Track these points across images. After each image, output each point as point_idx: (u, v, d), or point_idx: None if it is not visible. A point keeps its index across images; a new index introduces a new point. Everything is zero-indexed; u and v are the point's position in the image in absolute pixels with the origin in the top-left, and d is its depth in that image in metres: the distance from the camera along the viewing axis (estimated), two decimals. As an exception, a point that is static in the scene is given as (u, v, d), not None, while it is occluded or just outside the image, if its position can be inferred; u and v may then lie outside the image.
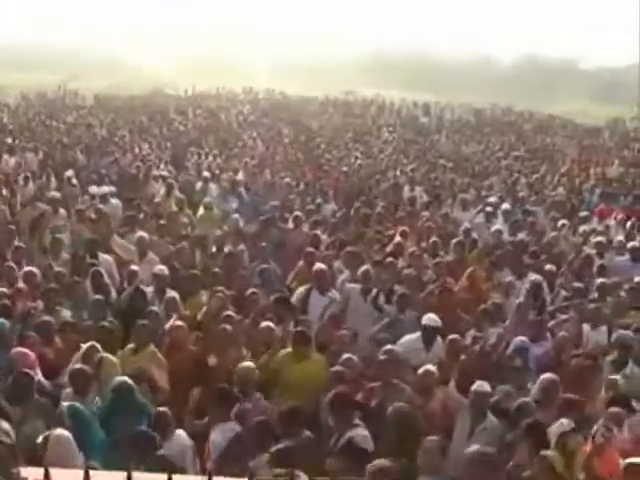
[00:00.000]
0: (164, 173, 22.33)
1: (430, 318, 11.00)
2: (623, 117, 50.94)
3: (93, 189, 19.78)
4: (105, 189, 19.45)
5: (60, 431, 7.58)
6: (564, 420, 8.33)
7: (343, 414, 8.62)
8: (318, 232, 15.79)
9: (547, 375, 9.51)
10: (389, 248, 15.21)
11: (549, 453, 7.75)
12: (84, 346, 9.94)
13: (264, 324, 10.83)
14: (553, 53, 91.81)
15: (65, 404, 8.55)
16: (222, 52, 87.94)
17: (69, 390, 9.21)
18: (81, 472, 5.38)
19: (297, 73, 75.98)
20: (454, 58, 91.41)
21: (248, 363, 9.62)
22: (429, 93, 60.05)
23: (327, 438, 8.63)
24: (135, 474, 5.52)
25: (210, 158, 26.38)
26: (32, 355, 9.64)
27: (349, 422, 8.55)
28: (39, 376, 9.35)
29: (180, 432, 8.45)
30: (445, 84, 70.83)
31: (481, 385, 9.15)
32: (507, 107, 53.14)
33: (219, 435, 8.45)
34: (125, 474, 5.48)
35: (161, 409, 8.57)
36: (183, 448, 8.29)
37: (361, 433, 8.41)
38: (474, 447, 7.81)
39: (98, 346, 9.85)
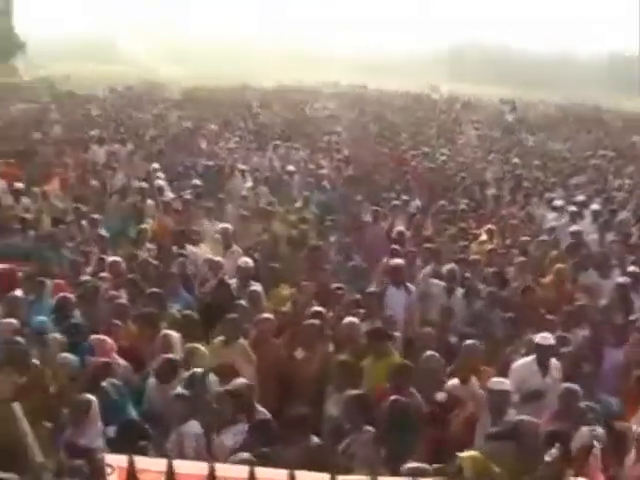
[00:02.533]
0: (248, 167, 22.43)
1: (543, 337, 10.03)
2: None
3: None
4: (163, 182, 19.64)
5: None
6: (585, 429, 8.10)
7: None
8: (402, 229, 15.79)
9: (567, 385, 9.08)
10: (473, 246, 15.16)
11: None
12: (168, 335, 10.11)
13: (348, 319, 10.80)
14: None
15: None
16: (305, 47, 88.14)
17: (153, 379, 9.37)
18: (164, 461, 5.43)
19: (381, 68, 75.83)
20: (539, 54, 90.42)
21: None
22: (515, 89, 59.34)
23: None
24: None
25: (294, 152, 26.46)
26: (110, 341, 9.83)
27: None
28: (119, 361, 9.57)
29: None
30: (530, 80, 70.05)
31: (500, 382, 9.00)
32: (594, 104, 52.22)
33: (229, 437, 8.34)
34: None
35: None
36: None
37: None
38: None
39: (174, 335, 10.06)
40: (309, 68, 69.71)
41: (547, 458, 7.44)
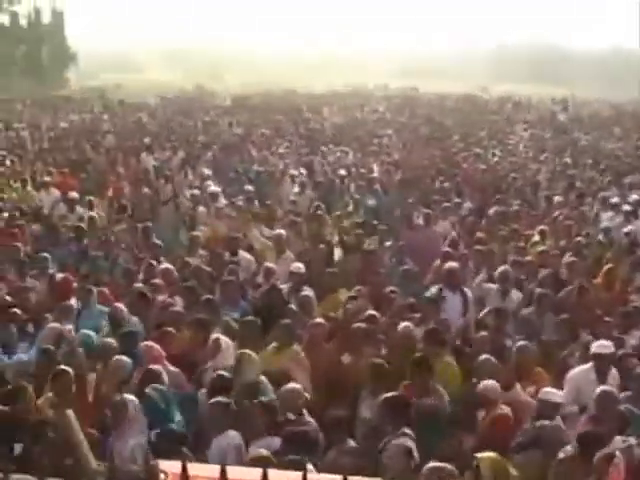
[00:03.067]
0: (296, 172, 22.38)
1: (602, 345, 9.64)
2: None
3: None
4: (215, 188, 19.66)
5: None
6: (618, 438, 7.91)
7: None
8: (455, 233, 15.70)
9: (604, 387, 8.92)
10: (528, 248, 15.02)
11: None
12: (219, 339, 10.15)
13: (403, 324, 10.73)
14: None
15: None
16: (351, 50, 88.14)
17: (204, 391, 9.36)
18: (217, 467, 5.41)
19: (430, 70, 75.59)
20: (589, 50, 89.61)
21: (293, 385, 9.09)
22: (565, 87, 58.83)
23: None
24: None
25: (346, 156, 26.43)
26: (157, 348, 9.86)
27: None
28: (169, 368, 9.60)
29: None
30: (581, 78, 69.42)
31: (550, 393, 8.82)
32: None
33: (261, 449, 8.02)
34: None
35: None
36: None
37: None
38: None
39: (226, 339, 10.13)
40: (357, 72, 69.64)
41: (561, 455, 7.33)
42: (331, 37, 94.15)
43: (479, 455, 7.02)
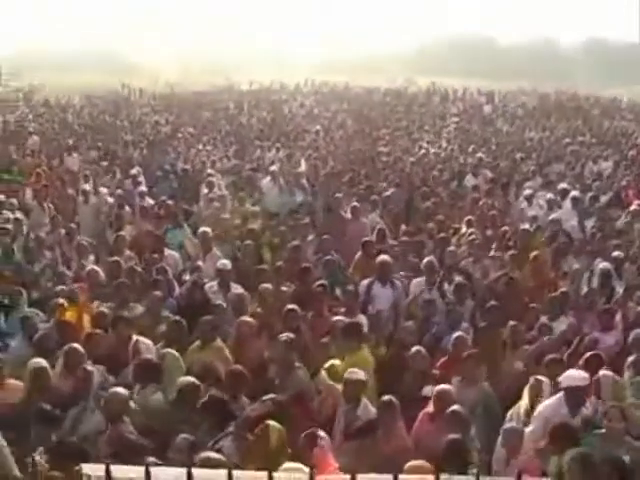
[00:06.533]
0: (213, 172, 22.02)
1: (571, 377, 8.87)
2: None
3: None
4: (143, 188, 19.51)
5: None
6: None
7: None
8: (383, 225, 15.73)
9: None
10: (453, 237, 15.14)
11: None
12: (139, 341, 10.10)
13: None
14: (616, 35, 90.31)
15: None
16: (279, 46, 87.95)
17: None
18: (142, 469, 5.33)
19: (356, 64, 75.73)
20: (516, 42, 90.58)
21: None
22: (491, 79, 59.42)
23: None
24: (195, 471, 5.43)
25: (274, 151, 26.37)
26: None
27: None
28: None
29: None
30: (507, 69, 70.16)
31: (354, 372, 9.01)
32: (572, 92, 52.30)
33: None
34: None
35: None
36: None
37: None
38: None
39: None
40: (285, 67, 69.56)
41: None
42: (256, 33, 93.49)
43: None
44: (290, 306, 11.02)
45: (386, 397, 8.68)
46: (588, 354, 9.77)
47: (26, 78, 53.29)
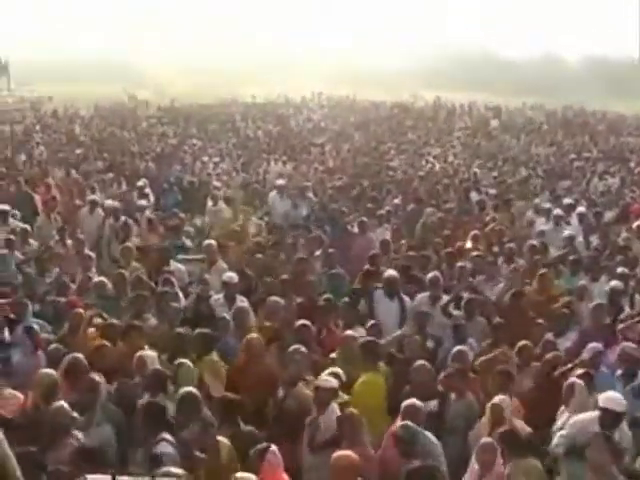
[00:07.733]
0: (218, 184, 22.04)
1: (609, 399, 8.54)
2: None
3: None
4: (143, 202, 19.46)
5: None
6: None
7: None
8: (388, 238, 15.71)
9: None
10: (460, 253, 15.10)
11: None
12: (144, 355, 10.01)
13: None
14: (621, 52, 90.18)
15: None
16: (287, 59, 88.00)
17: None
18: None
19: (363, 78, 75.72)
20: (523, 59, 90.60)
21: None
22: (499, 95, 59.39)
23: None
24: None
25: (280, 165, 26.38)
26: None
27: None
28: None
29: None
30: (515, 85, 70.05)
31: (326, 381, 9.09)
32: (579, 108, 52.25)
33: None
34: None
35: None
36: None
37: None
38: None
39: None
40: (292, 80, 69.54)
41: None
42: (265, 46, 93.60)
43: None
44: (302, 321, 11.00)
45: (347, 411, 8.69)
46: (579, 372, 9.72)
47: (35, 88, 53.43)
